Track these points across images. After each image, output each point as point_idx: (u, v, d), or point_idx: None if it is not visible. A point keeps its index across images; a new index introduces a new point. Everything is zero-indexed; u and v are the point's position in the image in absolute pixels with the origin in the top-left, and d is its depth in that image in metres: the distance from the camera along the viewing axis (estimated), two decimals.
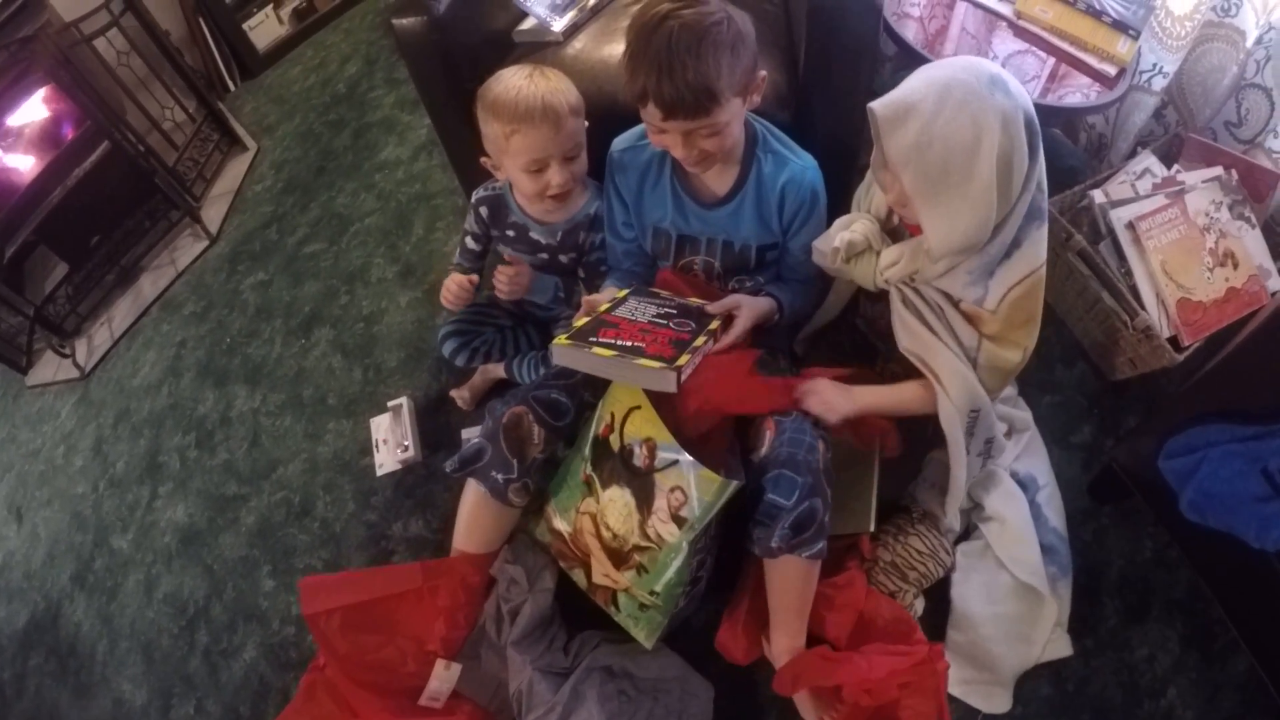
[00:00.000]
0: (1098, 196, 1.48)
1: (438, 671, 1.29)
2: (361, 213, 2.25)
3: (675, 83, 1.04)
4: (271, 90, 2.84)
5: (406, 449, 1.68)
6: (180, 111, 2.50)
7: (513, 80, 1.24)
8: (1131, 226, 1.41)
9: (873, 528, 1.32)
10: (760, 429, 1.22)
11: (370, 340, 1.93)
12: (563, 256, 1.45)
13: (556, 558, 1.36)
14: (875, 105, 1.04)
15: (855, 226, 1.22)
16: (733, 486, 1.16)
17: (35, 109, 2.12)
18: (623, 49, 1.12)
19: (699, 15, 1.04)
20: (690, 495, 1.17)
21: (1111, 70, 1.47)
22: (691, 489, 1.17)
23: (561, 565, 1.36)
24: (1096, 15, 1.47)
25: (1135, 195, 1.46)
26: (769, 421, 1.20)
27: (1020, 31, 1.53)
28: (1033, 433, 1.42)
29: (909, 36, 1.94)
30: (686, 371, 1.09)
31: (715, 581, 1.33)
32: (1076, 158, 1.90)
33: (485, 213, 1.44)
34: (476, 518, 1.33)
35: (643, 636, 1.27)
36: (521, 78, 1.24)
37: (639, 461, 1.22)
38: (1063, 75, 1.59)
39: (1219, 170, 1.46)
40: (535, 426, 1.27)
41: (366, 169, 2.37)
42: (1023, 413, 1.44)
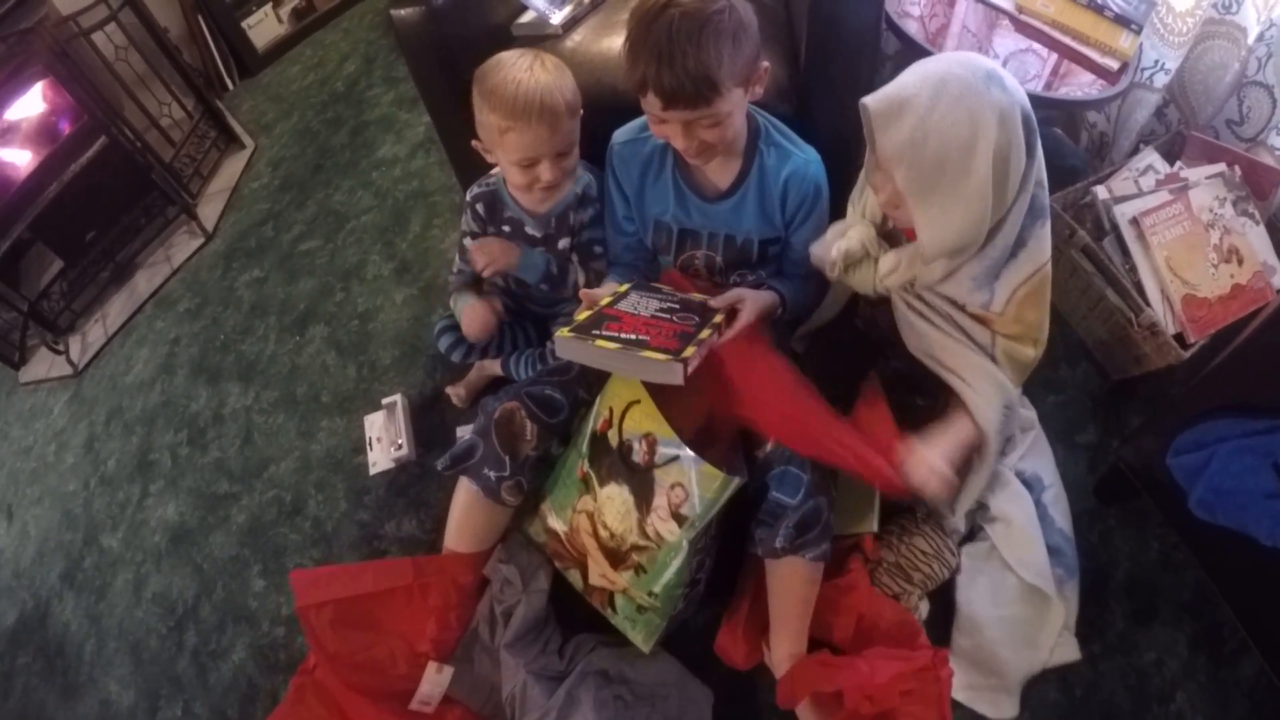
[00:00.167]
0: (1101, 193, 1.47)
1: (429, 674, 1.27)
2: (358, 210, 2.24)
3: (675, 71, 1.02)
4: (270, 89, 2.83)
5: (400, 447, 1.66)
6: (178, 109, 2.49)
7: (512, 71, 1.20)
8: (1135, 222, 1.40)
9: (876, 528, 1.30)
10: None
11: (365, 337, 1.92)
12: (560, 242, 1.42)
13: (552, 558, 1.33)
14: (868, 100, 1.01)
15: (851, 234, 1.19)
16: (735, 483, 1.13)
17: (32, 103, 2.10)
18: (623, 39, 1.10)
19: (700, 3, 1.02)
20: (691, 492, 1.15)
21: (1114, 65, 1.46)
22: (693, 485, 1.14)
23: (557, 566, 1.33)
24: (1098, 10, 1.45)
25: (1139, 191, 1.44)
26: None
27: (1022, 27, 1.51)
28: (1037, 431, 1.40)
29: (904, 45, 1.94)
30: (693, 364, 1.06)
31: (714, 584, 1.30)
32: (1078, 157, 1.88)
33: (481, 209, 1.41)
34: (468, 517, 1.31)
35: (640, 640, 1.24)
36: (521, 69, 1.20)
37: (638, 457, 1.19)
38: (1064, 74, 1.58)
39: (1222, 166, 1.45)
40: (528, 422, 1.25)
41: (364, 166, 2.36)
42: (1028, 411, 1.42)
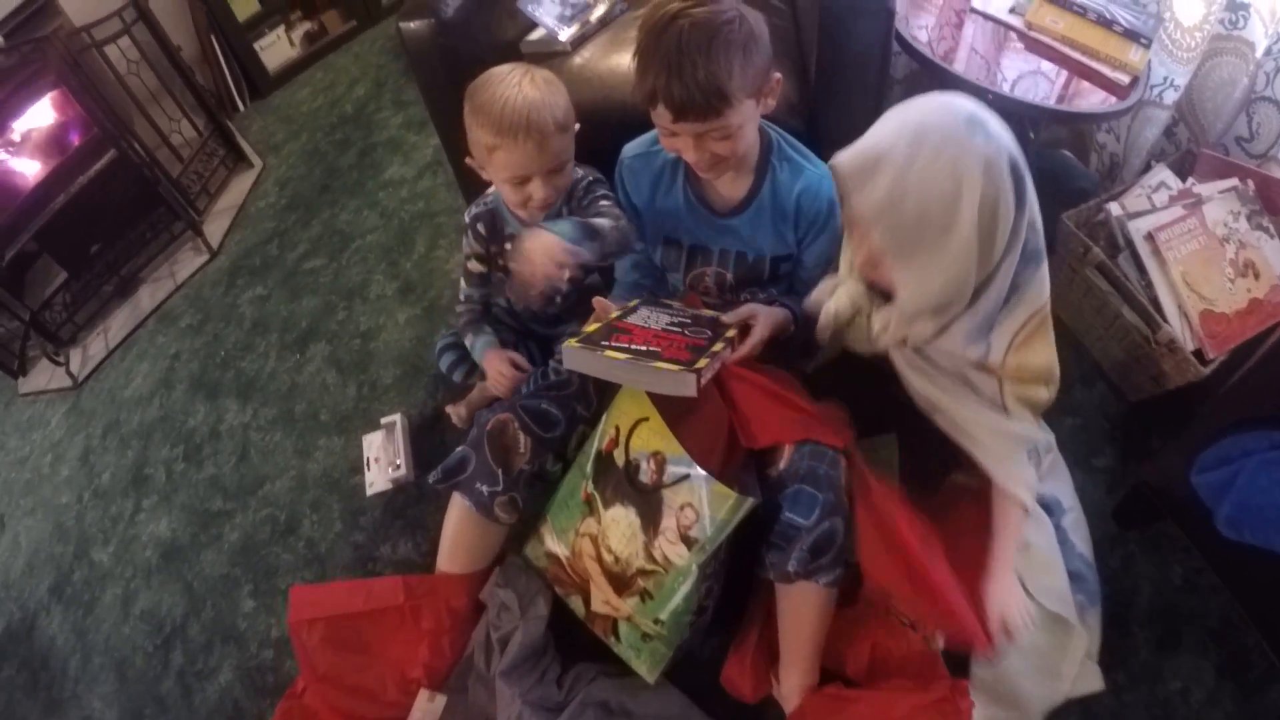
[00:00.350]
0: (1114, 209, 1.46)
1: (420, 703, 1.23)
2: (364, 229, 2.24)
3: (685, 82, 1.01)
4: (280, 110, 2.85)
5: (398, 467, 1.63)
6: (188, 126, 2.51)
7: (500, 88, 1.17)
8: (1151, 238, 1.38)
9: None
10: None
11: (366, 356, 1.90)
12: None
13: (552, 583, 1.29)
14: (840, 159, 0.95)
15: (839, 294, 1.15)
16: (748, 503, 1.09)
17: (43, 113, 2.11)
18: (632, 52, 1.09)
19: (710, 14, 1.01)
20: (702, 513, 1.11)
21: (1124, 79, 1.45)
22: (703, 506, 1.10)
23: (557, 592, 1.29)
24: (1107, 24, 1.46)
25: (1152, 207, 1.43)
26: None
27: (1032, 44, 1.51)
28: (1055, 454, 1.36)
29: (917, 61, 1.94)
30: (706, 376, 1.03)
31: (722, 613, 1.25)
32: (1088, 179, 1.87)
33: (482, 229, 1.38)
34: (461, 535, 1.27)
35: (644, 670, 1.19)
36: (509, 86, 1.17)
37: (646, 477, 1.15)
38: (1073, 96, 1.57)
39: (1235, 181, 1.44)
40: (521, 435, 1.22)
41: (370, 187, 2.37)
42: (1045, 434, 1.38)
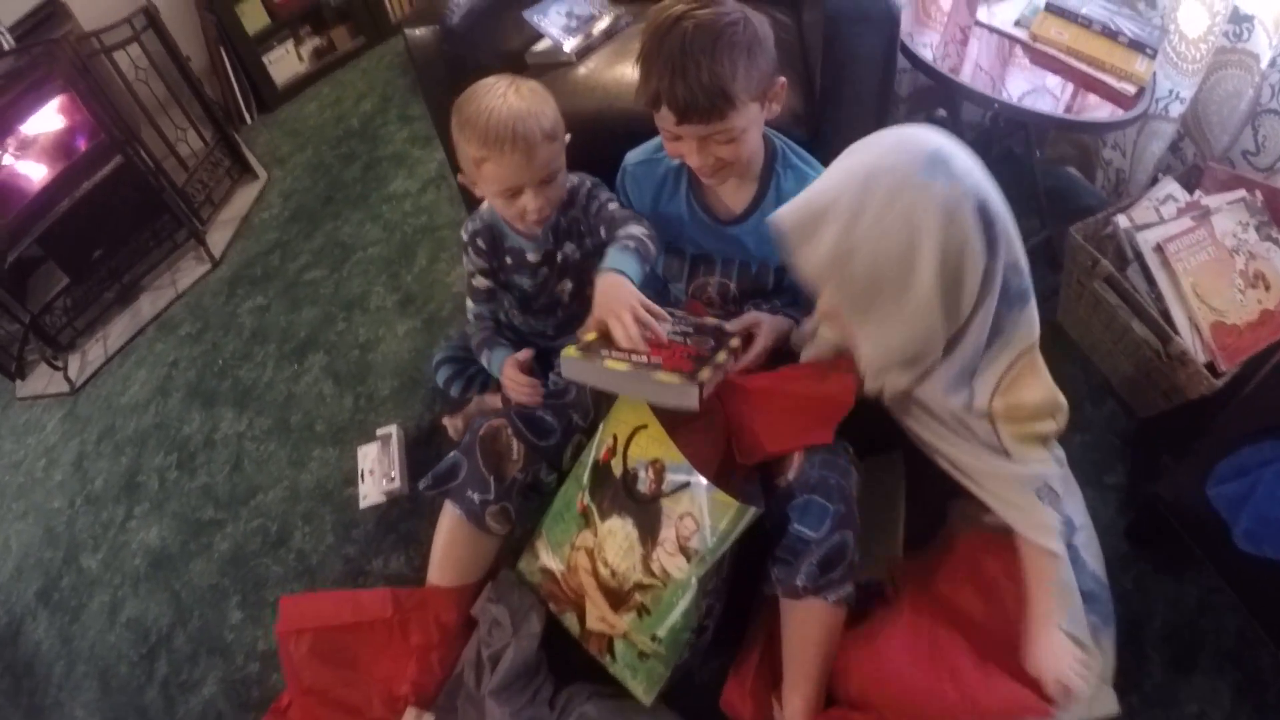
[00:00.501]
0: (1122, 221, 1.44)
1: None
2: (365, 242, 2.24)
3: (689, 83, 1.00)
4: (287, 124, 2.87)
5: (393, 480, 1.60)
6: (195, 137, 2.52)
7: (485, 100, 1.15)
8: (1160, 249, 1.36)
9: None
10: None
11: (364, 368, 1.89)
12: (559, 254, 1.36)
13: (546, 600, 1.25)
14: (781, 213, 0.89)
15: (820, 335, 1.12)
16: (751, 513, 1.06)
17: (51, 117, 2.12)
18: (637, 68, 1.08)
19: (715, 15, 1.01)
20: (702, 523, 1.07)
21: (1130, 89, 1.45)
22: (704, 515, 1.07)
23: (551, 608, 1.24)
24: (1112, 36, 1.45)
25: (1160, 219, 1.42)
26: None
27: (1037, 56, 1.51)
28: (1065, 471, 1.33)
29: (923, 78, 1.94)
30: (709, 388, 1.01)
31: (722, 635, 1.21)
32: (1094, 196, 1.87)
33: (482, 244, 1.35)
34: (452, 546, 1.24)
35: (640, 690, 1.14)
36: (495, 97, 1.15)
37: (644, 486, 1.12)
38: (1078, 113, 1.57)
39: (1242, 193, 1.42)
40: (514, 441, 1.19)
41: (374, 200, 2.38)
42: (1056, 453, 1.35)
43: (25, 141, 2.09)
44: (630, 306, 1.07)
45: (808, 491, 1.06)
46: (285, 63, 2.92)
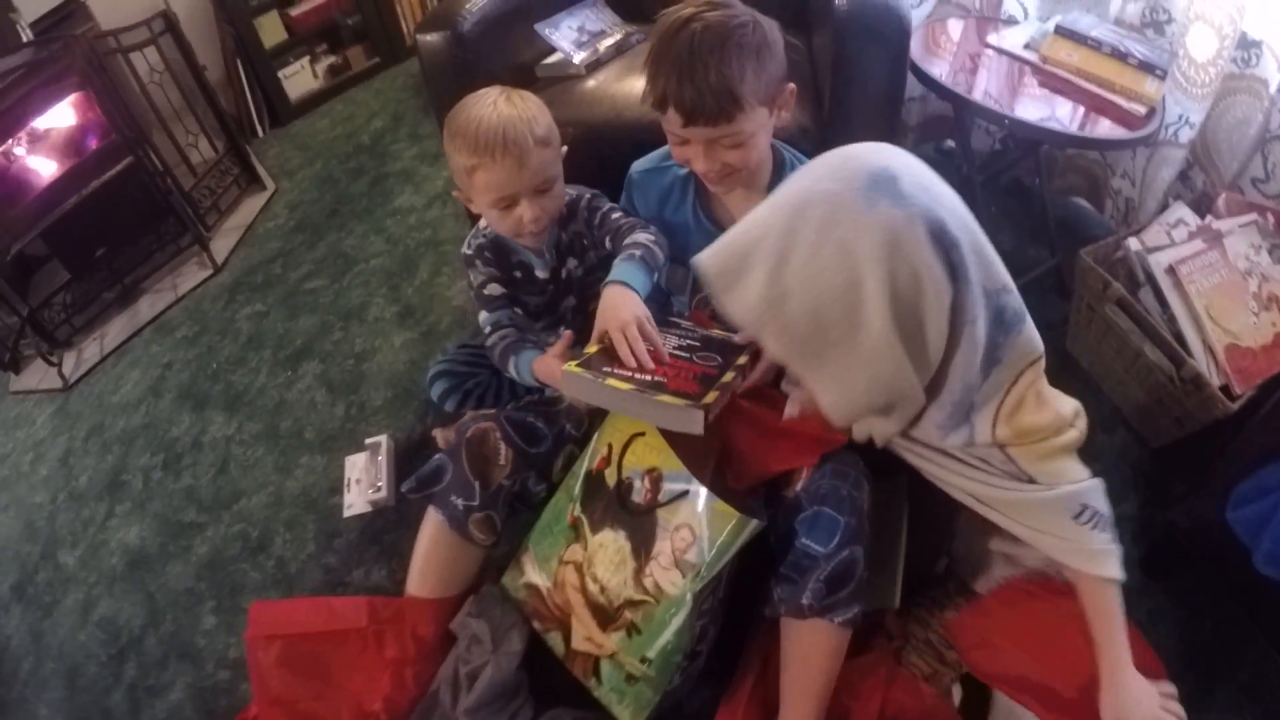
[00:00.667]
0: (1133, 244, 1.43)
1: None
2: (368, 254, 2.24)
3: (696, 84, 0.99)
4: (298, 138, 2.89)
5: (379, 489, 1.57)
6: (207, 145, 2.54)
7: (475, 108, 1.13)
8: (1172, 270, 1.35)
9: (898, 603, 1.15)
10: None
11: (358, 377, 1.87)
12: (564, 270, 1.34)
13: (530, 618, 1.19)
14: (701, 258, 0.81)
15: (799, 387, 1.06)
16: (752, 525, 1.01)
17: (64, 114, 2.14)
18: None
19: (724, 17, 1.00)
20: (700, 534, 1.02)
21: (1141, 109, 1.44)
22: (702, 527, 1.02)
23: (536, 627, 1.19)
24: (1122, 57, 1.46)
25: (1171, 242, 1.40)
26: None
27: (1047, 78, 1.51)
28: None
29: (931, 107, 1.94)
30: (714, 411, 0.97)
31: (715, 664, 1.14)
32: (1103, 226, 1.85)
33: (490, 255, 1.31)
34: (433, 554, 1.20)
35: (627, 716, 1.09)
36: (485, 106, 1.13)
37: (639, 496, 1.08)
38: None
39: (1254, 216, 1.41)
40: (502, 445, 1.16)
41: (379, 214, 2.38)
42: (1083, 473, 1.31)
43: (37, 136, 2.10)
44: (634, 320, 1.04)
45: (817, 503, 1.01)
46: (300, 78, 2.95)
